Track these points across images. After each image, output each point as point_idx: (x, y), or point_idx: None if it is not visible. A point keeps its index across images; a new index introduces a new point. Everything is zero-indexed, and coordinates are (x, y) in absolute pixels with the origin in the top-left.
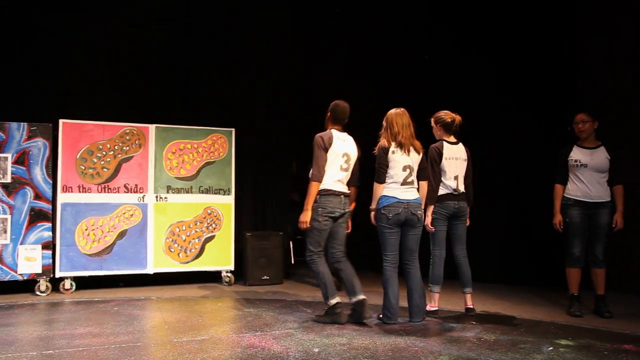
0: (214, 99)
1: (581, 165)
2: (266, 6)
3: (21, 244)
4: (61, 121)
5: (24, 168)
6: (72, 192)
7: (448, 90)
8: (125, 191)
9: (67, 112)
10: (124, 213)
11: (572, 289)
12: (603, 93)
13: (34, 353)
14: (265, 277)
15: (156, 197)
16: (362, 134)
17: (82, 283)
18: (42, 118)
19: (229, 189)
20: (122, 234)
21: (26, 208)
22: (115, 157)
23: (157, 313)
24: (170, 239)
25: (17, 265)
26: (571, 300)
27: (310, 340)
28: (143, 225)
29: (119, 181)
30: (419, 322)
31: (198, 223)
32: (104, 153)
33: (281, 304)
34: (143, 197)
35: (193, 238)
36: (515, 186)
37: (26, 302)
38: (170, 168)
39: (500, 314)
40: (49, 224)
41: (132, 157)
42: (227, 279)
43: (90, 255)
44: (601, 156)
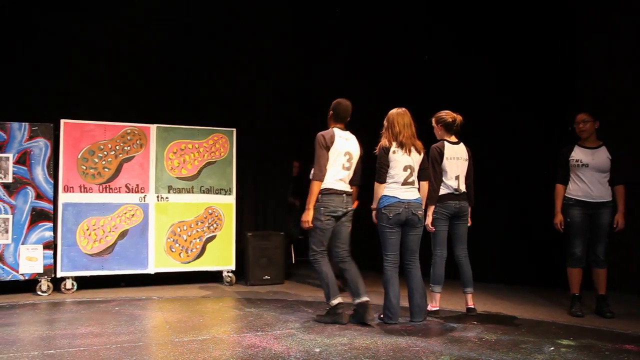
0: (214, 99)
1: (582, 165)
2: (266, 6)
3: (23, 244)
4: (62, 121)
5: (26, 168)
6: (74, 192)
7: (448, 90)
8: (126, 191)
9: (68, 112)
10: (125, 213)
11: (573, 289)
12: (603, 93)
13: (36, 353)
14: (266, 277)
15: (157, 197)
16: (362, 134)
17: (84, 283)
18: (43, 118)
19: (230, 189)
20: (124, 234)
21: (27, 208)
22: (116, 157)
23: (159, 313)
24: (171, 239)
25: (19, 265)
26: (572, 300)
27: (311, 340)
28: (144, 225)
29: (120, 181)
30: (420, 322)
31: (199, 223)
32: (105, 153)
33: (282, 304)
34: (144, 197)
35: (194, 238)
36: (515, 186)
37: (27, 302)
38: (171, 168)
39: (501, 314)
40: (51, 224)
41: (134, 157)
42: (228, 279)
43: (91, 255)
44: (602, 156)
